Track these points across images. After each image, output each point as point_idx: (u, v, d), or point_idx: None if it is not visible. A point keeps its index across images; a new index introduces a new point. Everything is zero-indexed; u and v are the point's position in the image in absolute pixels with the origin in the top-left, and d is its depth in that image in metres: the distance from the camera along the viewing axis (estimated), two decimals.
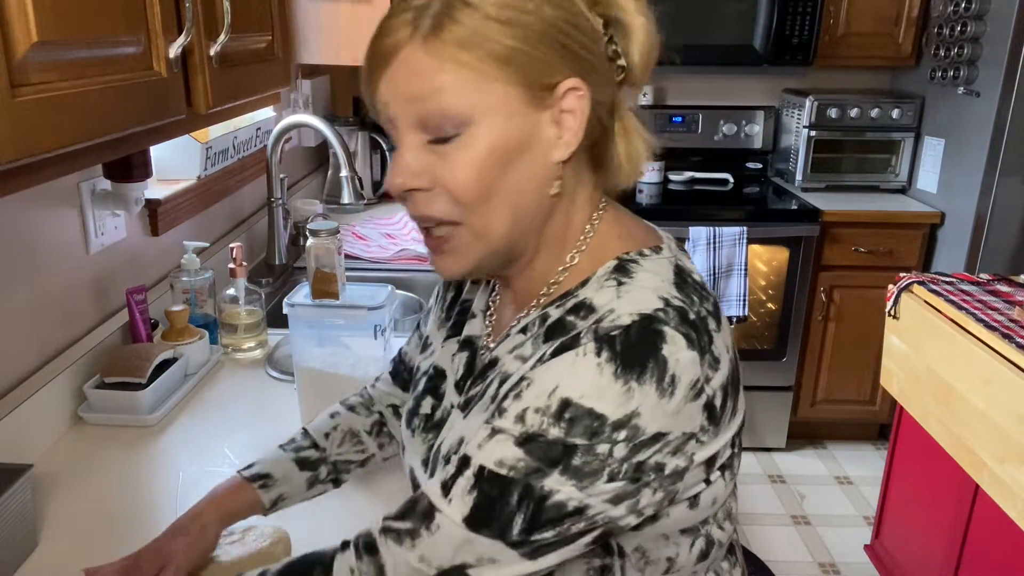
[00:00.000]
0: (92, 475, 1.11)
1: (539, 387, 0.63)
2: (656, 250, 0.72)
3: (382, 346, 1.17)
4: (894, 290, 2.01)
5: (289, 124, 1.86)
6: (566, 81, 0.67)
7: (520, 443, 0.62)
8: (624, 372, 0.61)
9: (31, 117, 0.62)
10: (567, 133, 0.68)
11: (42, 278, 1.21)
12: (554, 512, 0.62)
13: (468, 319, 0.86)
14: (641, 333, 0.62)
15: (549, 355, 0.65)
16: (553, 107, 0.67)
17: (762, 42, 2.88)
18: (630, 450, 0.61)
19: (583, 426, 0.60)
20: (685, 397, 0.62)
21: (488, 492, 0.63)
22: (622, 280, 0.69)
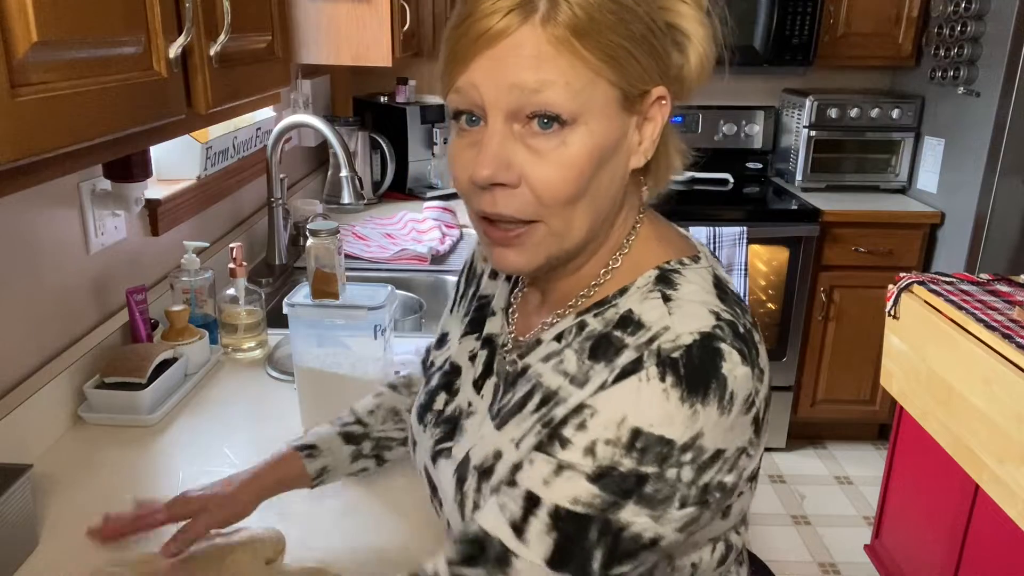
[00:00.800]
0: (92, 475, 1.11)
1: (606, 417, 0.62)
2: (695, 259, 0.71)
3: (382, 346, 1.17)
4: (894, 290, 2.01)
5: (289, 124, 1.86)
6: (656, 88, 0.66)
7: (593, 479, 0.61)
8: (690, 396, 0.60)
9: (31, 117, 0.62)
10: (647, 141, 0.68)
11: (42, 278, 1.21)
12: (631, 544, 0.61)
13: (488, 316, 0.84)
14: (702, 353, 0.62)
15: (611, 383, 0.63)
16: (640, 113, 0.67)
17: (762, 42, 2.88)
18: (696, 472, 0.61)
19: (654, 453, 0.60)
20: (740, 411, 0.62)
21: (566, 531, 0.61)
22: (667, 293, 0.67)
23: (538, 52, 0.61)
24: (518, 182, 0.64)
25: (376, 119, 2.77)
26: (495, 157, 0.63)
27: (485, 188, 0.65)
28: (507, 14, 0.61)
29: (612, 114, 0.64)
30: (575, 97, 0.62)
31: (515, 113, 0.63)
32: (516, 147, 0.64)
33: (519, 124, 0.63)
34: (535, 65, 0.61)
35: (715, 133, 3.22)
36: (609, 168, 0.66)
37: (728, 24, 0.70)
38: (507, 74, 0.62)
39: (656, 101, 0.67)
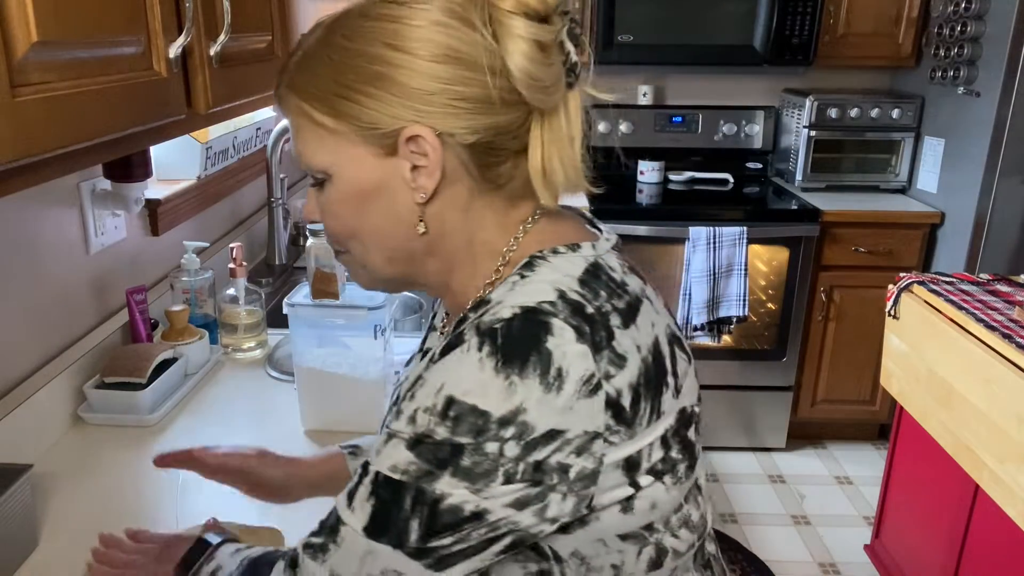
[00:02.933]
0: (92, 475, 1.11)
1: (428, 386, 0.62)
2: (573, 247, 0.70)
3: (382, 346, 1.17)
4: (894, 290, 2.01)
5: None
6: (406, 129, 0.66)
7: (411, 446, 0.62)
8: (505, 366, 0.60)
9: (31, 117, 0.62)
10: (420, 177, 0.68)
11: (42, 278, 1.21)
12: (449, 517, 0.61)
13: (431, 332, 0.88)
14: (524, 325, 0.61)
15: (439, 354, 0.64)
16: (402, 152, 0.67)
17: (762, 42, 2.88)
18: (523, 449, 0.60)
19: (468, 423, 0.60)
20: (577, 392, 0.60)
21: (383, 498, 0.63)
22: (524, 274, 0.67)
23: (289, 123, 0.72)
24: (322, 220, 0.75)
25: None
26: (306, 202, 0.76)
27: None
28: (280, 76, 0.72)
29: (360, 160, 0.68)
30: (316, 155, 0.70)
31: None
32: (316, 193, 0.73)
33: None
34: (294, 135, 0.71)
35: (715, 133, 3.22)
36: (377, 208, 0.70)
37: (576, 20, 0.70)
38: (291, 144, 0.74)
39: (413, 139, 0.66)
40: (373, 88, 0.66)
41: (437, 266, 0.74)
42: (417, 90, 0.65)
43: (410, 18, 0.65)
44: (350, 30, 0.67)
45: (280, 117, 2.09)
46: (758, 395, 2.93)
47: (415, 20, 0.65)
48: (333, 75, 0.67)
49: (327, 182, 0.70)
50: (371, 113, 0.66)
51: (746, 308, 2.76)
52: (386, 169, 0.68)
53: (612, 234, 0.77)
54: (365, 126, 0.67)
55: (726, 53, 2.92)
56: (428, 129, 0.66)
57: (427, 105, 0.65)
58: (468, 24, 0.65)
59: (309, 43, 0.69)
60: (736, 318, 2.78)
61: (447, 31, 0.65)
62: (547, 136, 0.70)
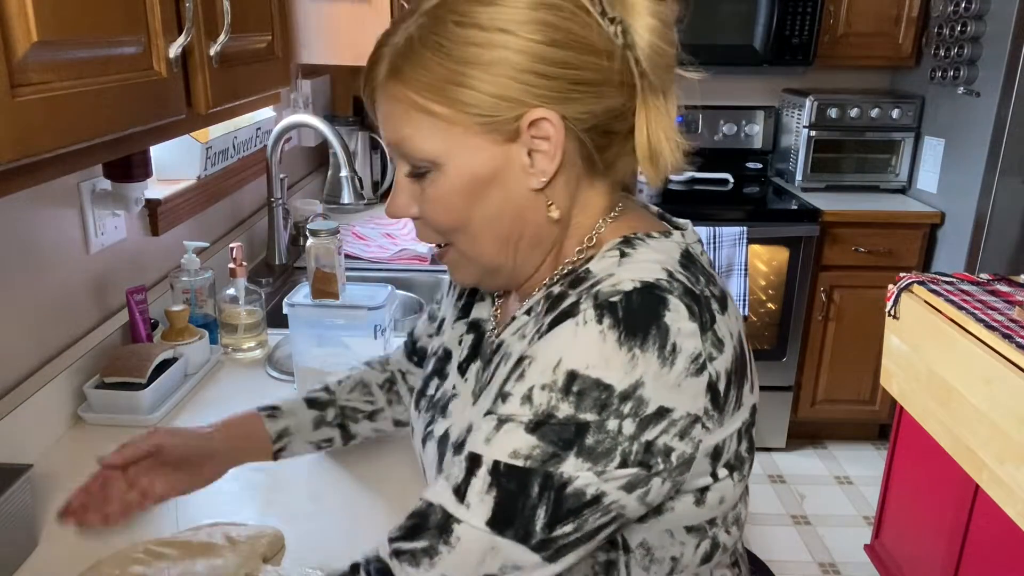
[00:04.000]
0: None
1: (542, 362, 0.61)
2: (666, 234, 0.71)
3: (382, 346, 1.17)
4: (894, 290, 2.01)
5: (289, 124, 1.86)
6: (529, 113, 0.65)
7: (532, 429, 0.60)
8: (628, 338, 0.59)
9: (31, 117, 0.62)
10: (540, 162, 0.68)
11: (42, 278, 1.21)
12: (574, 502, 0.60)
13: (477, 301, 0.86)
14: (643, 299, 0.61)
15: (546, 327, 0.63)
16: (522, 138, 0.67)
17: (762, 42, 2.88)
18: (637, 427, 0.59)
19: (592, 399, 0.59)
20: (686, 370, 0.61)
21: (507, 488, 0.60)
22: (625, 251, 0.68)
23: (388, 112, 0.69)
24: (419, 215, 0.72)
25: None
26: (395, 200, 0.73)
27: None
28: (376, 68, 0.69)
29: (476, 148, 0.67)
30: (426, 144, 0.67)
31: (403, 158, 0.71)
32: (412, 186, 0.71)
33: (409, 166, 0.71)
34: (391, 124, 0.69)
35: (715, 133, 3.22)
36: (493, 196, 0.68)
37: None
38: (383, 131, 0.71)
39: (536, 123, 0.66)
40: (492, 74, 0.64)
41: (539, 254, 0.73)
42: (536, 74, 0.65)
43: (520, 1, 0.65)
44: (460, 15, 0.65)
45: (280, 117, 2.09)
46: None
47: (526, 3, 0.65)
48: (447, 62, 0.65)
49: (434, 172, 0.68)
50: (491, 100, 0.65)
51: (746, 308, 2.76)
52: (504, 156, 0.67)
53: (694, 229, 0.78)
54: (484, 113, 0.65)
55: (726, 53, 2.91)
56: (552, 112, 0.66)
57: (547, 89, 0.65)
58: (580, 7, 0.66)
59: (411, 29, 0.67)
60: None
61: (561, 14, 0.65)
62: (652, 115, 0.70)
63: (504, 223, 0.70)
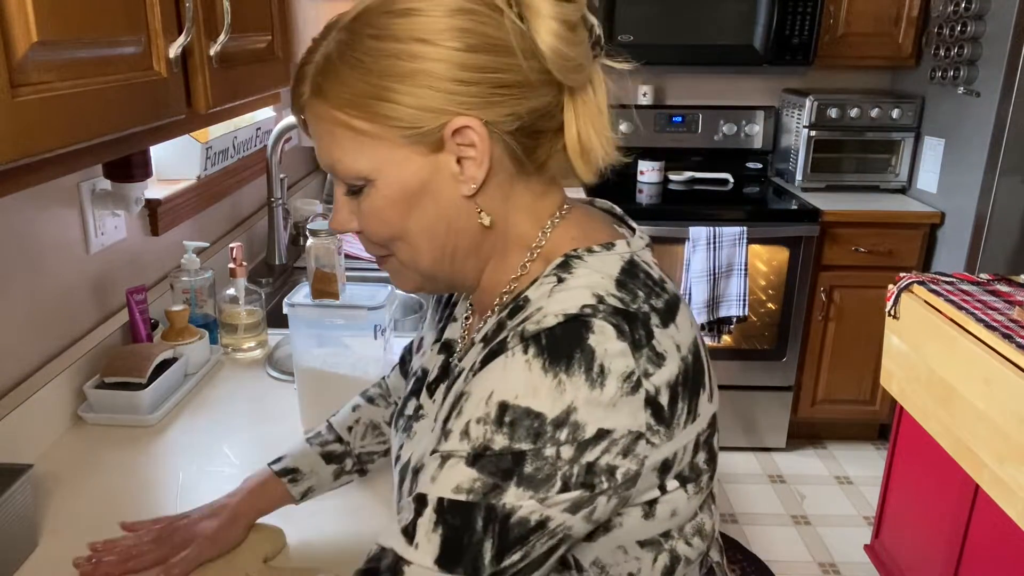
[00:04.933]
0: (92, 475, 1.11)
1: (476, 397, 0.61)
2: (608, 246, 0.70)
3: (382, 346, 1.17)
4: (894, 290, 2.01)
5: (289, 124, 1.86)
6: (452, 122, 0.65)
7: (471, 462, 0.60)
8: (552, 365, 0.59)
9: (31, 117, 0.62)
10: (469, 168, 0.67)
11: (42, 278, 1.21)
12: (519, 530, 0.59)
13: (450, 322, 0.86)
14: (566, 328, 0.61)
15: (479, 364, 0.64)
16: (447, 146, 0.66)
17: (762, 42, 2.88)
18: (576, 450, 0.59)
19: (525, 428, 0.59)
20: (620, 389, 0.60)
21: (452, 524, 0.60)
22: (562, 276, 0.67)
23: (316, 131, 0.70)
24: (360, 229, 0.72)
25: None
26: (337, 212, 0.73)
27: None
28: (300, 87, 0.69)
29: (404, 160, 0.66)
30: (356, 162, 0.67)
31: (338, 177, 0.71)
32: (350, 199, 0.72)
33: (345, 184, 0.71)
34: (319, 145, 0.70)
35: (715, 133, 3.22)
36: (426, 206, 0.68)
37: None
38: (317, 153, 0.72)
39: (460, 131, 0.65)
40: (411, 86, 0.64)
41: (475, 261, 0.73)
42: (457, 82, 0.64)
43: (436, 10, 0.64)
44: (377, 29, 0.65)
45: (280, 117, 2.09)
46: (758, 395, 2.93)
47: (442, 11, 0.64)
48: (366, 77, 0.64)
49: (367, 188, 0.68)
50: (412, 112, 0.64)
51: (746, 308, 2.76)
52: (432, 166, 0.67)
53: (644, 232, 0.76)
54: (407, 126, 0.65)
55: (726, 53, 2.91)
56: (474, 119, 0.65)
57: (469, 96, 0.65)
58: (495, 9, 0.65)
59: (330, 47, 0.67)
60: (736, 318, 2.78)
61: (477, 19, 0.64)
62: (580, 111, 0.70)
63: (439, 232, 0.70)
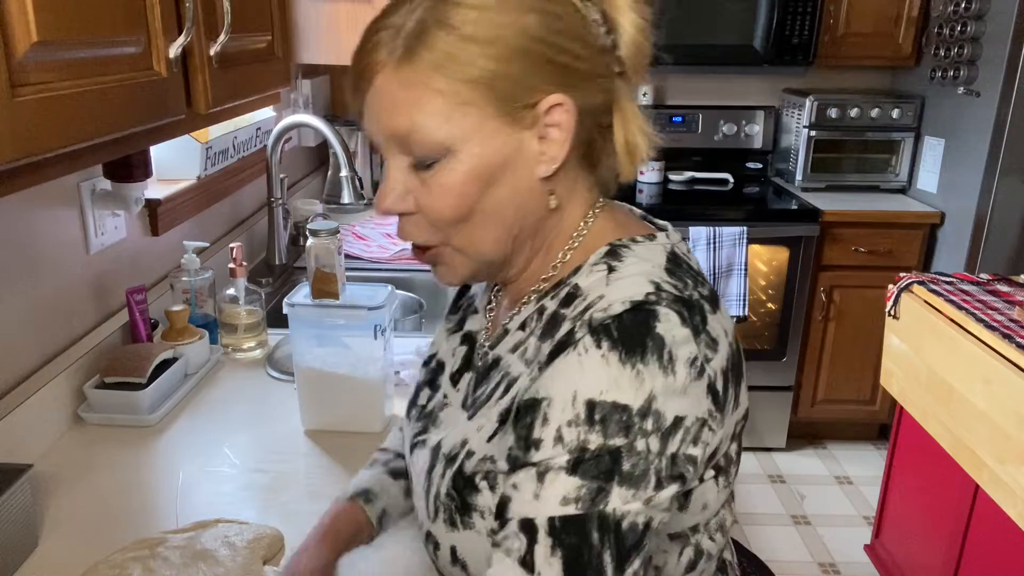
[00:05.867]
0: (92, 475, 1.11)
1: (560, 400, 0.61)
2: (650, 238, 0.71)
3: (382, 346, 1.17)
4: (894, 290, 2.01)
5: (289, 124, 1.86)
6: (548, 98, 0.65)
7: (572, 469, 0.60)
8: (628, 356, 0.60)
9: (31, 117, 0.62)
10: (552, 148, 0.67)
11: (42, 278, 1.21)
12: (632, 537, 0.60)
13: (470, 314, 0.86)
14: (634, 316, 0.62)
15: (546, 359, 0.64)
16: (537, 124, 0.66)
17: (762, 42, 2.88)
18: (660, 441, 0.60)
19: (615, 422, 0.59)
20: (688, 375, 0.61)
21: (570, 543, 0.59)
22: (612, 265, 0.68)
23: (397, 97, 0.65)
24: (416, 209, 0.69)
25: None
26: (390, 191, 0.69)
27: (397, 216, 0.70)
28: (375, 53, 0.66)
29: (492, 133, 0.65)
30: (441, 130, 0.64)
31: (402, 148, 0.67)
32: (411, 177, 0.68)
33: (409, 156, 0.67)
34: (398, 111, 0.65)
35: (715, 133, 3.22)
36: (503, 184, 0.67)
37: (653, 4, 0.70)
38: (380, 121, 0.67)
39: (552, 109, 0.66)
40: (513, 59, 0.64)
41: (530, 246, 0.72)
42: (552, 63, 0.65)
43: None
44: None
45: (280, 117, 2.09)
46: (758, 395, 2.93)
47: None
48: (467, 44, 0.63)
49: (443, 160, 0.66)
50: (512, 85, 0.64)
51: (746, 308, 2.76)
52: (516, 142, 0.66)
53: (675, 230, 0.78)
54: (505, 97, 0.64)
55: (726, 53, 2.91)
56: (568, 99, 0.66)
57: (561, 77, 0.66)
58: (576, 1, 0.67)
59: (423, 14, 0.64)
60: (736, 318, 2.78)
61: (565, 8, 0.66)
62: (627, 109, 0.71)
63: (508, 213, 0.69)
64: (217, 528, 0.96)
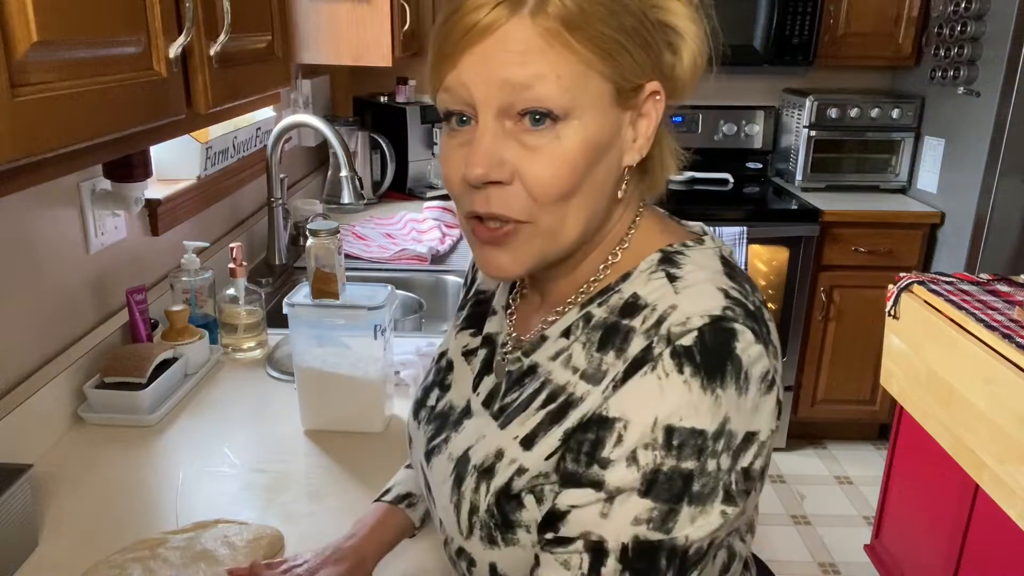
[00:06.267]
0: (92, 475, 1.11)
1: (639, 423, 0.60)
2: (699, 241, 0.70)
3: (382, 346, 1.17)
4: (894, 290, 2.01)
5: (289, 124, 1.86)
6: (651, 83, 0.65)
7: (645, 491, 0.59)
8: (710, 382, 0.60)
9: (31, 117, 0.62)
10: (641, 137, 0.66)
11: (42, 278, 1.21)
12: (696, 556, 0.60)
13: (488, 315, 0.82)
14: (715, 336, 0.61)
15: (622, 377, 0.62)
16: (634, 109, 0.65)
17: (762, 42, 2.88)
18: (731, 458, 0.60)
19: (690, 447, 0.59)
20: (759, 391, 0.61)
21: (638, 567, 0.60)
22: (672, 272, 0.66)
23: (527, 46, 0.60)
24: (511, 179, 0.63)
25: (376, 119, 2.76)
26: (487, 155, 0.62)
27: (479, 187, 0.63)
28: (495, 7, 0.60)
29: (605, 108, 0.63)
30: (567, 91, 0.61)
31: (506, 109, 0.62)
32: (508, 144, 0.63)
33: (511, 121, 0.62)
34: (524, 60, 0.60)
35: (715, 133, 3.22)
36: (603, 164, 0.65)
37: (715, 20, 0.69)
38: (496, 70, 0.61)
39: (650, 96, 0.66)
40: (636, 34, 0.63)
41: (593, 240, 0.70)
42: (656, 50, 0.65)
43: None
44: None
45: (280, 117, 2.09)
46: None
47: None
48: (609, 16, 0.61)
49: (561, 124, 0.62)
50: (635, 65, 0.63)
51: None
52: (618, 125, 0.65)
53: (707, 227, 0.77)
54: (622, 72, 0.63)
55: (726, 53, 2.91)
56: (662, 87, 0.65)
57: (659, 67, 0.65)
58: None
59: None
60: None
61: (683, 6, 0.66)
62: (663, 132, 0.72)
63: (600, 199, 0.66)
64: (217, 528, 0.96)
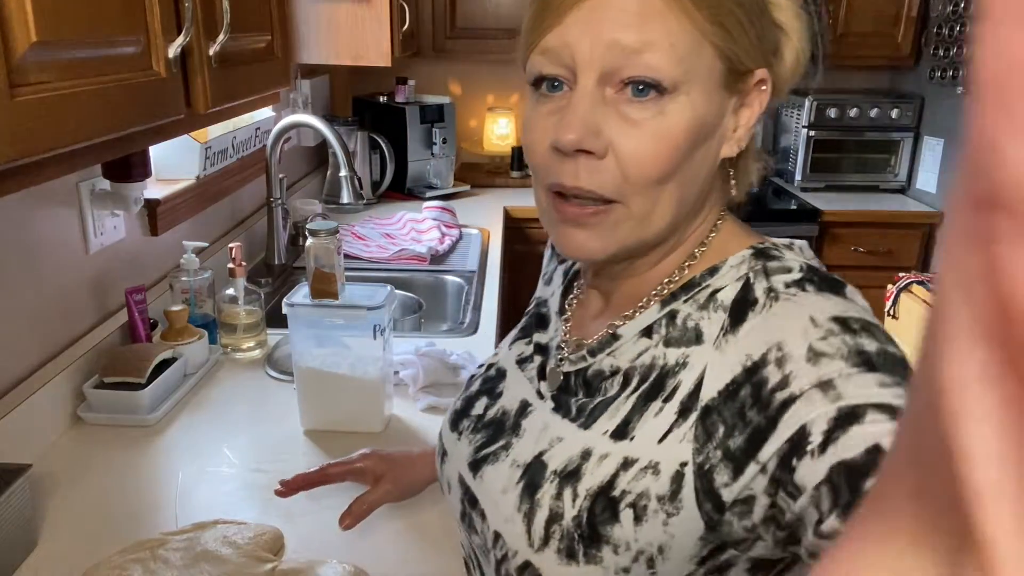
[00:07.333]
0: (92, 475, 1.11)
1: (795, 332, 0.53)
2: (789, 248, 0.64)
3: (381, 346, 1.17)
4: (893, 290, 2.01)
5: (288, 124, 1.86)
6: (759, 71, 0.59)
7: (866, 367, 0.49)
8: (836, 291, 0.56)
9: (30, 117, 0.62)
10: (742, 128, 0.61)
11: (42, 278, 1.21)
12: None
13: (542, 323, 0.77)
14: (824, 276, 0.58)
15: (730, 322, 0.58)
16: (740, 96, 0.60)
17: None
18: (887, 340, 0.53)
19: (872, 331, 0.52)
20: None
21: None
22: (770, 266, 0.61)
23: (644, 8, 0.55)
24: (605, 152, 0.57)
25: (375, 119, 2.77)
26: (583, 121, 0.56)
27: (568, 156, 0.58)
28: None
29: (713, 89, 0.58)
30: (679, 63, 0.55)
31: (609, 75, 0.56)
32: (607, 113, 0.57)
33: (612, 89, 0.57)
34: (639, 22, 0.55)
35: None
36: (702, 150, 0.59)
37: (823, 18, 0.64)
38: (606, 30, 0.55)
39: (757, 85, 0.60)
40: (755, 16, 0.58)
41: (677, 237, 0.65)
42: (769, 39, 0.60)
43: None
44: None
45: (280, 117, 2.09)
46: None
47: None
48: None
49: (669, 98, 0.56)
50: (747, 42, 0.58)
51: None
52: (722, 110, 0.59)
53: None
54: (736, 54, 0.58)
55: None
56: (770, 77, 0.60)
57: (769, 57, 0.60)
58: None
59: None
60: None
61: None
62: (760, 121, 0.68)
63: (694, 186, 0.61)
64: (216, 528, 0.96)
